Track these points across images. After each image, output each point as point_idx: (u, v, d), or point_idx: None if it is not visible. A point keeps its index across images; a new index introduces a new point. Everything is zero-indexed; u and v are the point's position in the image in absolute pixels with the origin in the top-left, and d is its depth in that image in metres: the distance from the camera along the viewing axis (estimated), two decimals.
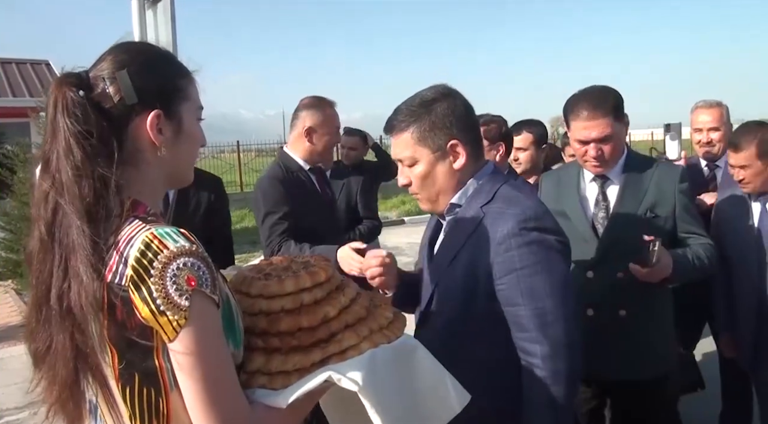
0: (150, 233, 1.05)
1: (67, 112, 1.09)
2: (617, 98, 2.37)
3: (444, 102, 1.74)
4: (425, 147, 1.74)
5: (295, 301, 1.23)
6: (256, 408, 1.13)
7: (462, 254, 1.71)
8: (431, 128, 1.72)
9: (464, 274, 1.69)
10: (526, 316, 1.61)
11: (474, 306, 1.69)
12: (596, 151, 2.35)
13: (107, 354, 1.07)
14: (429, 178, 1.76)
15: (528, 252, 1.61)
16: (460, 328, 1.71)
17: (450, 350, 1.59)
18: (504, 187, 1.75)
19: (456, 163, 1.74)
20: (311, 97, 3.17)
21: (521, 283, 1.61)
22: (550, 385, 1.60)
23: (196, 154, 1.31)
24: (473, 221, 1.71)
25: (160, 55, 1.24)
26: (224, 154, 21.27)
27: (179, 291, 1.02)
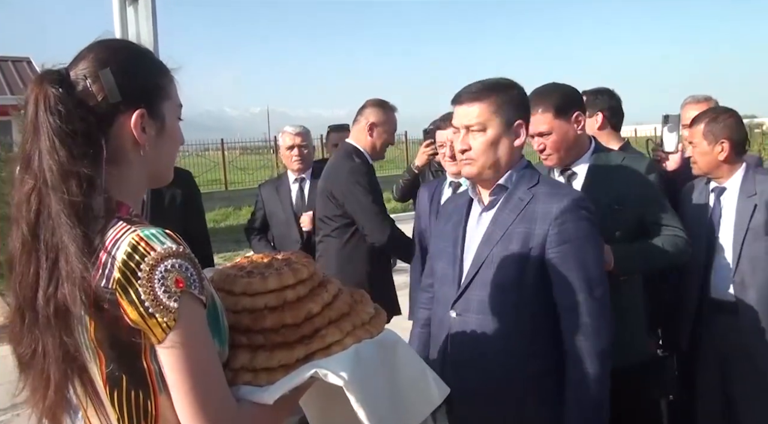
0: (136, 234, 1.04)
1: (49, 109, 1.07)
2: (564, 96, 2.49)
3: (518, 89, 1.98)
4: (498, 117, 1.92)
5: (278, 298, 1.24)
6: (243, 406, 1.14)
7: (514, 227, 1.90)
8: (508, 103, 1.93)
9: (518, 245, 1.88)
10: (576, 278, 1.83)
11: (527, 274, 1.87)
12: (539, 144, 2.53)
13: (95, 357, 1.07)
14: (493, 146, 1.93)
15: (581, 226, 1.86)
16: (513, 296, 1.88)
17: (501, 318, 1.89)
18: (540, 175, 2.00)
19: (516, 142, 1.95)
20: (377, 98, 3.49)
21: (574, 251, 1.84)
22: (595, 339, 1.82)
23: (176, 154, 1.31)
24: (524, 200, 1.92)
25: (141, 53, 1.23)
26: (209, 152, 21.16)
27: (168, 293, 1.02)
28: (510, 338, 1.88)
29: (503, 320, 1.89)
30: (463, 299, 1.97)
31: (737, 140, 2.72)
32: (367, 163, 3.37)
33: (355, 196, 3.22)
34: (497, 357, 1.90)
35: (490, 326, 1.91)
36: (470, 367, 1.95)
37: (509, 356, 1.88)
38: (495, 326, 1.90)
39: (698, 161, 2.81)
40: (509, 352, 1.88)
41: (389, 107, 3.45)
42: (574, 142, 2.51)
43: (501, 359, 1.89)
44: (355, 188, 3.23)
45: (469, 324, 1.96)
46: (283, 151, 4.11)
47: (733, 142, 2.71)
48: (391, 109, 3.46)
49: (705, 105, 3.48)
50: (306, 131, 4.08)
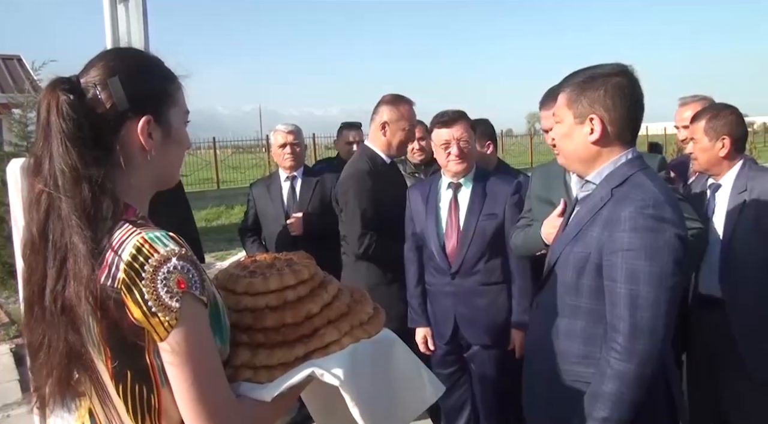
0: (141, 237, 1.08)
1: (62, 115, 1.11)
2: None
3: (606, 80, 1.81)
4: (570, 111, 1.86)
5: (279, 298, 1.28)
6: (243, 402, 1.18)
7: (585, 229, 1.82)
8: (581, 96, 1.83)
9: (582, 248, 1.81)
10: (620, 294, 1.70)
11: (584, 280, 1.81)
12: (552, 139, 2.50)
13: (101, 353, 1.11)
14: (567, 139, 1.89)
15: (637, 236, 1.68)
16: (570, 300, 1.85)
17: (558, 320, 1.88)
18: (638, 173, 1.81)
19: (591, 136, 1.83)
20: (391, 94, 3.43)
21: (624, 263, 1.69)
22: (623, 361, 1.68)
23: (182, 158, 1.35)
24: (601, 201, 1.81)
25: (150, 61, 1.27)
26: (200, 151, 21.09)
27: (170, 293, 1.06)
28: (563, 340, 1.87)
29: (560, 322, 1.88)
30: (539, 295, 2.02)
31: (737, 137, 2.74)
32: (384, 164, 3.36)
33: (346, 203, 3.26)
34: (548, 357, 1.90)
35: (549, 324, 1.92)
36: (530, 364, 2.03)
37: (561, 358, 1.87)
38: (552, 326, 1.90)
39: (699, 157, 2.82)
40: (560, 354, 1.87)
41: (403, 102, 3.38)
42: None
43: (553, 359, 1.89)
44: (346, 195, 3.26)
45: (539, 319, 1.99)
46: (275, 150, 4.12)
47: (734, 139, 2.72)
48: (407, 103, 3.39)
49: (697, 105, 3.49)
50: (298, 130, 4.08)
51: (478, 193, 2.98)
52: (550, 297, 1.91)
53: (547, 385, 1.92)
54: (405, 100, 3.41)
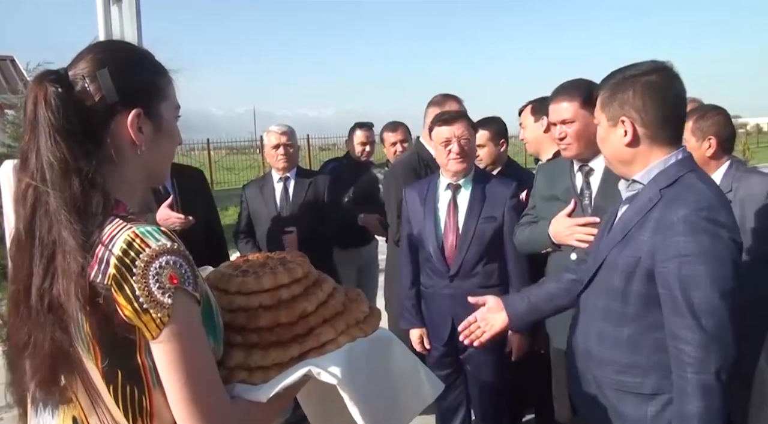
0: (132, 231, 1.06)
1: (50, 107, 1.08)
2: (591, 90, 2.46)
3: (636, 80, 1.77)
4: (604, 113, 1.84)
5: (273, 297, 1.26)
6: (237, 403, 1.15)
7: (633, 232, 1.75)
8: (612, 98, 1.80)
9: (631, 252, 1.73)
10: (681, 302, 1.62)
11: (633, 285, 1.73)
12: (560, 132, 2.56)
13: (91, 352, 1.08)
14: (604, 142, 1.87)
15: (694, 241, 1.61)
16: (617, 306, 1.78)
17: (603, 325, 1.82)
18: (689, 174, 1.75)
19: (624, 139, 1.79)
20: (440, 94, 3.56)
21: (682, 270, 1.61)
22: (701, 372, 1.60)
23: (173, 153, 1.32)
24: (650, 203, 1.74)
25: (140, 54, 1.25)
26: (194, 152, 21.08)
27: (162, 289, 1.03)
28: (608, 348, 1.81)
29: (605, 328, 1.82)
30: (582, 298, 1.95)
31: (724, 137, 2.75)
32: (425, 160, 3.57)
33: (389, 191, 3.66)
34: (592, 364, 1.86)
35: (593, 330, 1.86)
36: (573, 367, 1.97)
37: (605, 367, 1.82)
38: (597, 331, 1.85)
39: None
40: (606, 362, 1.82)
41: (449, 101, 3.46)
42: (595, 136, 2.53)
43: (597, 367, 1.85)
44: (389, 184, 3.67)
45: (580, 323, 1.95)
46: (268, 151, 4.10)
47: (720, 139, 2.73)
48: (452, 103, 3.45)
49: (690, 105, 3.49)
50: (291, 131, 4.06)
51: (478, 195, 2.96)
52: (595, 301, 1.86)
53: (594, 390, 1.88)
54: (451, 98, 3.50)
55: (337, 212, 4.14)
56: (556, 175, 2.75)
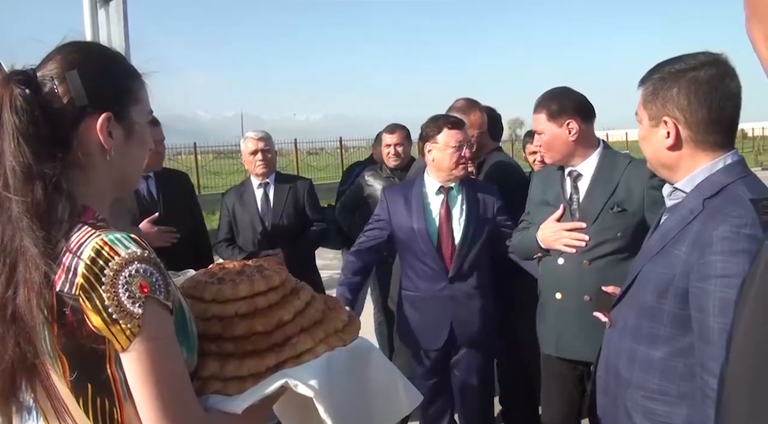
0: (100, 239, 1.02)
1: (15, 110, 1.04)
2: (560, 103, 2.60)
3: (682, 74, 1.59)
4: (646, 111, 1.68)
5: (249, 305, 1.22)
6: (211, 415, 1.12)
7: (670, 246, 1.59)
8: (655, 95, 1.64)
9: (665, 268, 1.59)
10: (713, 329, 1.44)
11: (665, 303, 1.59)
12: (536, 141, 2.70)
13: (58, 365, 1.04)
14: (645, 143, 1.72)
15: (733, 261, 1.42)
16: (648, 324, 1.65)
17: (633, 344, 1.69)
18: (736, 183, 1.55)
19: (666, 141, 1.63)
20: (464, 99, 3.53)
21: (717, 292, 1.44)
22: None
23: (144, 159, 1.27)
24: (690, 214, 1.58)
25: (111, 55, 1.21)
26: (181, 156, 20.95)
27: (132, 298, 1.00)
28: (637, 371, 1.67)
29: (635, 348, 1.68)
30: (615, 312, 1.83)
31: None
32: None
33: None
34: (622, 385, 1.72)
35: (624, 349, 1.72)
36: (607, 391, 1.83)
37: (634, 390, 1.68)
38: (627, 351, 1.71)
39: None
40: (635, 385, 1.68)
41: (471, 107, 3.49)
42: (566, 146, 2.60)
43: (626, 390, 1.71)
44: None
45: (612, 340, 1.82)
46: (245, 157, 4.06)
47: None
48: (473, 109, 3.47)
49: None
50: (268, 136, 4.06)
51: (472, 198, 3.01)
52: (628, 317, 1.73)
53: (621, 413, 1.75)
54: (472, 104, 3.49)
55: (318, 217, 4.15)
56: (548, 181, 2.78)
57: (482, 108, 3.53)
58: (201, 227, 3.84)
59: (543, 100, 2.65)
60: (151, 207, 3.39)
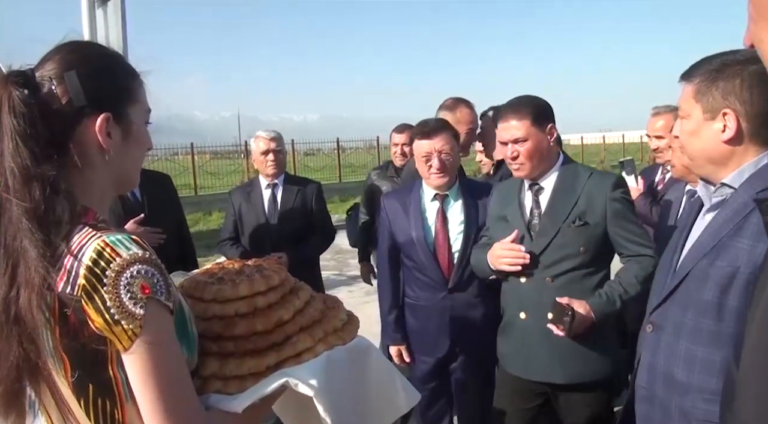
0: (101, 240, 1.03)
1: (13, 111, 1.04)
2: (540, 107, 2.51)
3: (743, 67, 1.55)
4: (699, 104, 1.62)
5: (249, 305, 1.23)
6: (212, 414, 1.13)
7: (728, 240, 1.55)
8: (713, 87, 1.59)
9: (726, 261, 1.54)
10: None
11: (729, 300, 1.54)
12: (512, 152, 2.47)
13: (60, 365, 1.05)
14: (694, 137, 1.64)
15: None
16: (710, 324, 1.56)
17: (692, 347, 1.60)
18: None
19: (723, 135, 1.58)
20: (452, 98, 3.57)
21: None
22: None
23: (142, 159, 1.28)
24: (742, 210, 1.55)
25: (110, 56, 1.21)
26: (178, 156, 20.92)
27: (133, 299, 1.00)
28: (697, 373, 1.59)
29: (696, 349, 1.59)
30: (660, 313, 1.72)
31: None
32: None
33: None
34: (680, 393, 1.62)
35: (681, 352, 1.62)
36: (652, 400, 1.71)
37: (694, 395, 1.59)
38: (685, 353, 1.61)
39: (676, 164, 2.86)
40: (694, 389, 1.59)
41: (460, 106, 3.52)
42: (547, 152, 2.50)
43: (684, 396, 1.61)
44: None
45: (660, 344, 1.70)
46: (256, 156, 4.06)
47: None
48: (465, 107, 3.51)
49: (670, 115, 3.52)
50: (280, 136, 4.05)
51: (470, 204, 2.90)
52: (680, 318, 1.64)
53: (675, 421, 1.65)
54: (462, 103, 3.51)
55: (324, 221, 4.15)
56: (507, 195, 2.67)
57: (470, 104, 3.51)
58: (184, 228, 3.88)
59: (521, 105, 2.52)
60: (136, 208, 3.39)
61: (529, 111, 2.47)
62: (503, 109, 2.56)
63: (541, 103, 2.53)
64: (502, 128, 2.51)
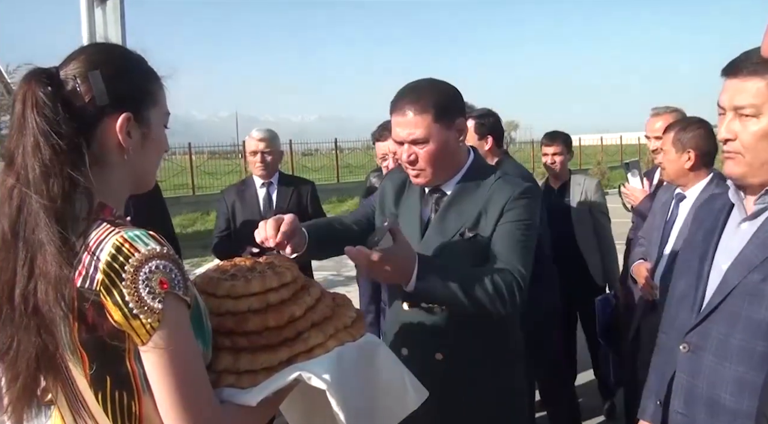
0: (120, 236, 1.05)
1: (36, 108, 1.07)
2: (446, 96, 1.91)
3: None
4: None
5: (261, 301, 1.26)
6: (227, 407, 1.15)
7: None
8: None
9: None
10: None
11: None
12: (408, 155, 1.91)
13: (78, 358, 1.07)
14: (766, 141, 1.44)
15: None
16: (764, 342, 1.41)
17: (743, 368, 1.44)
18: None
19: None
20: None
21: None
22: None
23: (160, 160, 1.31)
24: None
25: (133, 57, 1.23)
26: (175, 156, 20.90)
27: (152, 294, 1.02)
28: (747, 398, 1.43)
29: (746, 372, 1.43)
30: (700, 332, 1.54)
31: (704, 151, 2.79)
32: None
33: None
34: (726, 419, 1.47)
35: (728, 375, 1.46)
36: (687, 419, 1.56)
37: (743, 421, 1.44)
38: (734, 376, 1.45)
39: (666, 168, 2.90)
40: (744, 415, 1.43)
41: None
42: (454, 154, 1.96)
43: (731, 422, 1.46)
44: None
45: (701, 366, 1.52)
46: (247, 156, 4.07)
47: (700, 153, 2.78)
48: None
49: (669, 116, 3.56)
50: (271, 136, 4.00)
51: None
52: (725, 338, 1.47)
53: None
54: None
55: None
56: (408, 190, 2.12)
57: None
58: (169, 229, 3.79)
59: (421, 94, 1.87)
60: None
61: (431, 103, 1.85)
62: (398, 97, 1.92)
63: (448, 92, 1.92)
64: (396, 123, 1.90)
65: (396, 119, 1.90)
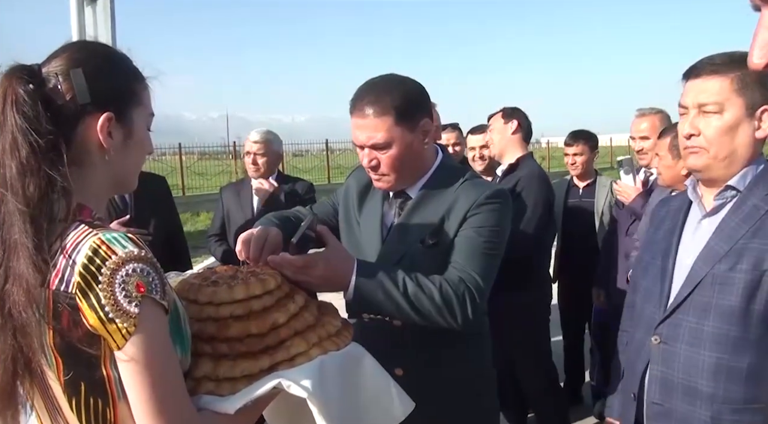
0: (97, 238, 1.02)
1: (16, 105, 1.04)
2: (409, 95, 1.75)
3: None
4: (741, 98, 1.52)
5: (244, 307, 1.24)
6: (204, 415, 1.13)
7: (745, 242, 1.51)
8: (756, 82, 1.51)
9: (749, 264, 1.49)
10: None
11: (756, 303, 1.48)
12: (370, 159, 1.77)
13: (52, 363, 1.04)
14: (728, 135, 1.54)
15: None
16: (735, 329, 1.50)
17: (716, 355, 1.52)
18: None
19: (758, 132, 1.53)
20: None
21: None
22: None
23: (142, 162, 1.28)
24: (760, 209, 1.52)
25: (117, 57, 1.21)
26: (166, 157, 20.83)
27: (128, 298, 1.00)
28: (723, 382, 1.51)
29: (721, 357, 1.51)
30: (670, 324, 1.61)
31: None
32: None
33: None
34: (704, 404, 1.54)
35: (704, 362, 1.54)
36: (669, 415, 1.60)
37: (720, 405, 1.52)
38: (709, 362, 1.53)
39: (663, 173, 2.89)
40: (721, 399, 1.52)
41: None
42: (418, 159, 1.82)
43: (709, 407, 1.53)
44: None
45: (674, 357, 1.59)
46: (245, 156, 4.07)
47: None
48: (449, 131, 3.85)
49: (653, 117, 3.57)
50: (265, 139, 3.99)
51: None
52: (698, 326, 1.55)
53: None
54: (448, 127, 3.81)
55: None
56: (371, 192, 1.98)
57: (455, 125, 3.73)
58: (178, 229, 3.83)
59: (380, 93, 1.71)
60: (122, 210, 3.37)
61: (391, 104, 1.69)
62: (357, 97, 1.77)
63: (411, 90, 1.76)
64: (356, 125, 1.76)
65: (355, 121, 1.75)
